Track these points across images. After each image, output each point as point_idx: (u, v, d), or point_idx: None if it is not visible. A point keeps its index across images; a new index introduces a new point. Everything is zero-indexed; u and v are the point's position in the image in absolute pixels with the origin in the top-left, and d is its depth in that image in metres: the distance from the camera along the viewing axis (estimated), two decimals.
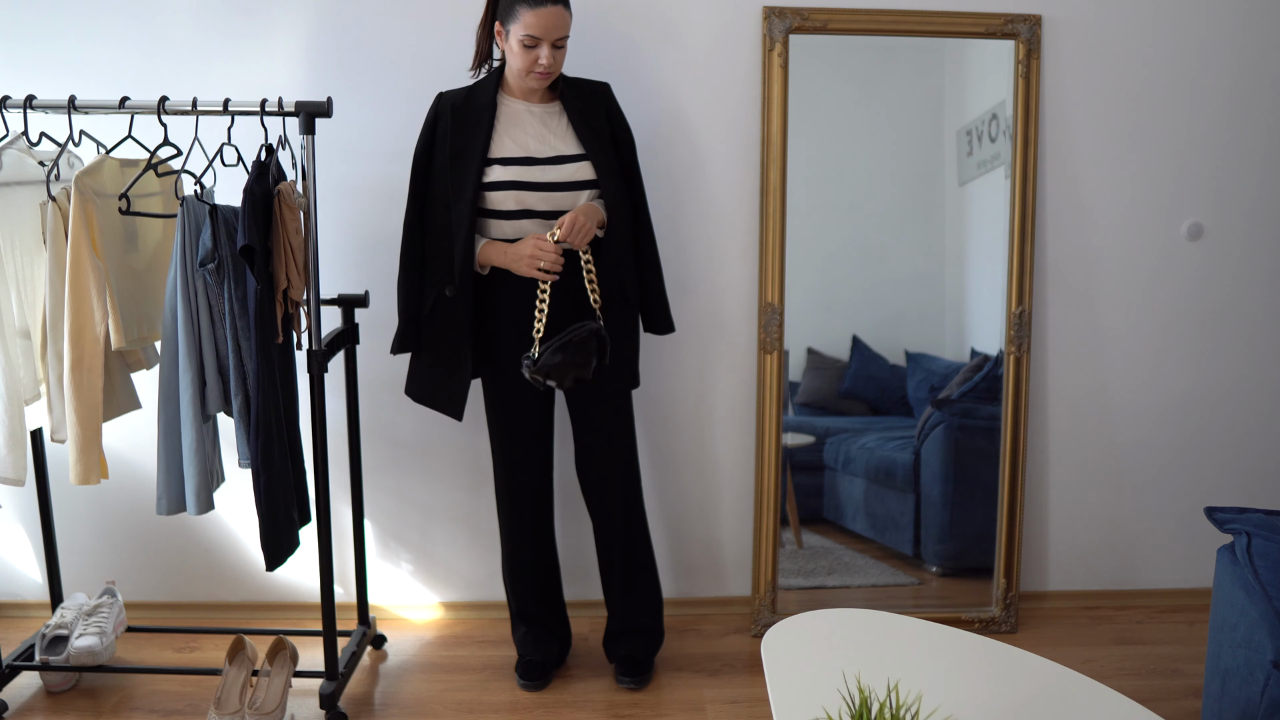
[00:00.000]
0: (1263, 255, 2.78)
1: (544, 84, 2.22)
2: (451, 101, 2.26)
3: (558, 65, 2.20)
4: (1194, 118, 2.71)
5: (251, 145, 2.25)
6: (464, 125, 2.24)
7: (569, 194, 2.24)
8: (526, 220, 2.23)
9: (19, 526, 2.76)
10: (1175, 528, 2.89)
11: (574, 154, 2.25)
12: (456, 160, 2.23)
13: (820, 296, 2.71)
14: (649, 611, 2.49)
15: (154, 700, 2.38)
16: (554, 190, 2.23)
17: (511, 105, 2.27)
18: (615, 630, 2.51)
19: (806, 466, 2.78)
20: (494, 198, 2.22)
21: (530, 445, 2.40)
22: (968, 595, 2.80)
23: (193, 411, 2.10)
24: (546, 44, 2.15)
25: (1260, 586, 1.72)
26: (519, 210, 2.23)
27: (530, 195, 2.22)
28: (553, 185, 2.23)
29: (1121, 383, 2.81)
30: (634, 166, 2.37)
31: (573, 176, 2.24)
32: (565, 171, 2.23)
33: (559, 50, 2.18)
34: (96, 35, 2.55)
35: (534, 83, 2.21)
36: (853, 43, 2.62)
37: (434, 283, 2.28)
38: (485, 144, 2.22)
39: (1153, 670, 2.55)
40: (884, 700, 1.25)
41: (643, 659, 2.46)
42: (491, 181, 2.22)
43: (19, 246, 2.17)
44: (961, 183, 2.71)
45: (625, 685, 2.43)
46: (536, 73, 2.18)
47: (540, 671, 2.45)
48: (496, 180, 2.21)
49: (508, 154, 2.23)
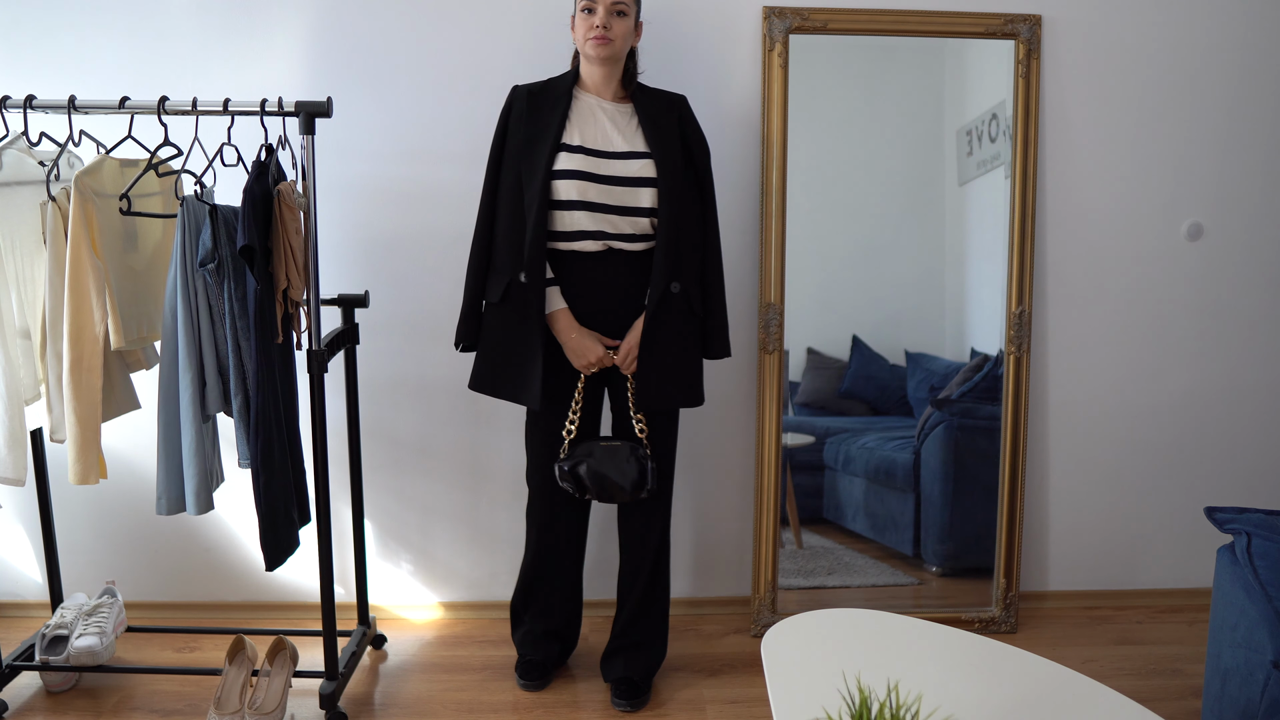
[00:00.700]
0: (1263, 255, 2.78)
1: (603, 52, 2.20)
2: (528, 90, 2.28)
3: (617, 33, 2.19)
4: (1194, 118, 2.71)
5: (251, 145, 2.25)
6: (539, 111, 2.25)
7: (629, 189, 2.22)
8: (582, 212, 2.21)
9: (19, 526, 2.76)
10: (1175, 528, 2.89)
11: (639, 151, 2.24)
12: (530, 144, 2.23)
13: (820, 296, 2.71)
14: (656, 635, 2.46)
15: (154, 700, 2.38)
16: (615, 185, 2.21)
17: (585, 99, 2.27)
18: (615, 649, 2.46)
19: (806, 466, 2.78)
20: (558, 186, 2.21)
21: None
22: (968, 595, 2.80)
23: (192, 411, 2.10)
24: (602, 7, 2.17)
25: (1260, 586, 1.72)
26: (579, 201, 2.20)
27: (591, 187, 2.20)
28: (614, 179, 2.21)
29: (1121, 383, 2.81)
30: (707, 179, 2.33)
31: (635, 173, 2.22)
32: (628, 167, 2.22)
33: (619, 19, 2.19)
34: (96, 35, 2.55)
35: (593, 49, 2.20)
36: (853, 43, 2.62)
37: (505, 269, 2.25)
38: (559, 130, 2.22)
39: (1153, 670, 2.55)
40: (884, 700, 1.25)
41: (640, 680, 2.41)
42: (559, 169, 2.20)
43: (19, 246, 2.17)
44: (961, 183, 2.71)
45: (621, 708, 2.36)
46: (593, 38, 2.18)
47: (541, 671, 2.45)
48: (562, 168, 2.20)
49: (576, 143, 2.22)
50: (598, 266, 2.25)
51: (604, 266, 2.25)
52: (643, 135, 2.25)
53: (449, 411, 2.74)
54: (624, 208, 2.22)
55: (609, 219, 2.22)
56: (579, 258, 2.25)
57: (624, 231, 2.23)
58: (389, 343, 2.68)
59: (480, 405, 2.73)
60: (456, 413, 2.74)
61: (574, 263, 2.25)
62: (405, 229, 2.64)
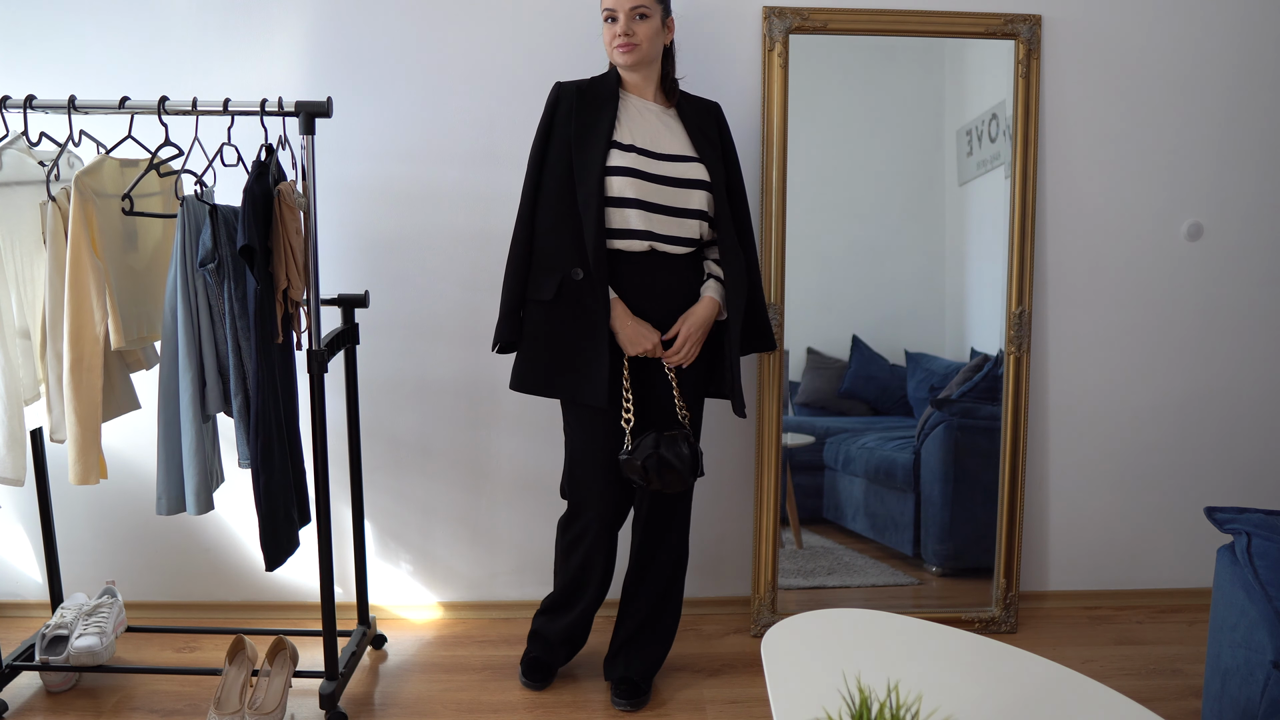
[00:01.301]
0: (1263, 255, 2.78)
1: (629, 59, 2.21)
2: (576, 86, 2.27)
3: (641, 37, 2.19)
4: (1193, 118, 2.71)
5: (251, 145, 2.25)
6: (589, 108, 2.24)
7: (681, 190, 2.22)
8: (633, 210, 2.20)
9: (19, 526, 2.76)
10: (1175, 528, 2.89)
11: (689, 155, 2.25)
12: (582, 138, 2.22)
13: (820, 296, 2.71)
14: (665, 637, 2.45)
15: (154, 700, 2.38)
16: (667, 185, 2.21)
17: (633, 100, 2.28)
18: (619, 649, 2.45)
19: (806, 466, 2.78)
20: (611, 182, 2.19)
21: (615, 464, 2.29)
22: (968, 595, 2.80)
23: (193, 411, 2.10)
24: (623, 13, 2.17)
25: (1260, 586, 1.72)
26: (632, 199, 2.20)
27: (647, 185, 2.20)
28: (667, 179, 2.21)
29: (1121, 383, 2.81)
30: (740, 185, 2.35)
31: (688, 174, 2.23)
32: (681, 169, 2.23)
33: (641, 22, 2.19)
34: (96, 35, 2.55)
35: (620, 57, 2.21)
36: (853, 43, 2.62)
37: (555, 267, 2.22)
38: (610, 127, 2.22)
39: (1153, 670, 2.55)
40: (884, 700, 1.25)
41: (640, 680, 2.40)
42: (612, 165, 2.19)
43: (19, 246, 2.17)
44: (961, 183, 2.71)
45: (621, 708, 2.36)
46: (618, 46, 2.20)
47: (545, 673, 2.45)
48: (616, 165, 2.19)
49: (631, 141, 2.22)
50: (641, 267, 2.24)
51: (647, 267, 2.24)
52: (691, 141, 2.26)
53: (449, 411, 2.74)
54: (674, 208, 2.22)
55: (659, 219, 2.22)
56: (625, 257, 2.23)
57: (670, 234, 2.23)
58: (389, 343, 2.68)
59: (480, 405, 2.73)
60: (456, 413, 2.74)
61: (620, 262, 2.24)
62: (405, 229, 2.64)
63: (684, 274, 2.28)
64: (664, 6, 2.24)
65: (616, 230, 2.21)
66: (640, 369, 2.30)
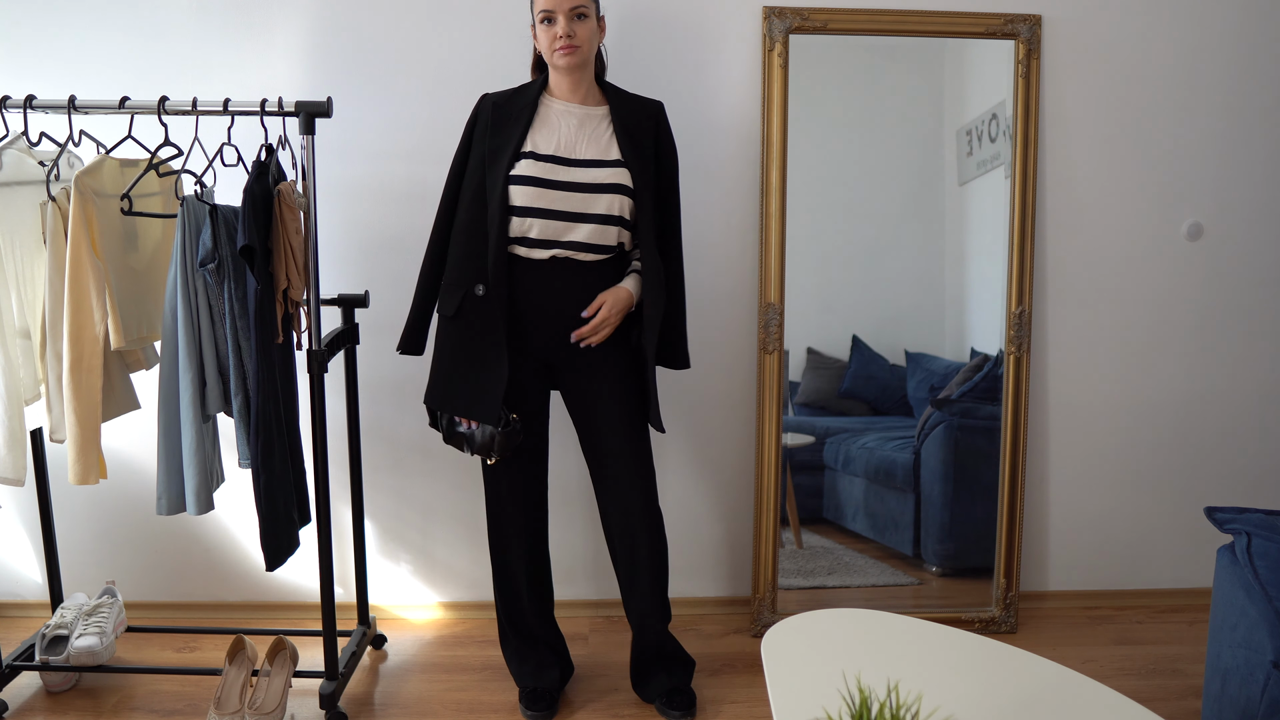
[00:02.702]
0: (1263, 255, 2.78)
1: (570, 61, 2.15)
2: (494, 100, 2.24)
3: (581, 38, 2.14)
4: (1193, 118, 2.71)
5: (251, 145, 2.25)
6: (503, 122, 2.21)
7: (585, 195, 2.16)
8: (535, 219, 2.16)
9: (19, 526, 2.76)
10: (1175, 528, 2.89)
11: (607, 160, 2.19)
12: (493, 155, 2.19)
13: (820, 296, 2.71)
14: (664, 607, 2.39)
15: (154, 700, 2.38)
16: (575, 191, 2.16)
17: (552, 105, 2.23)
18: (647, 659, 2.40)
19: (806, 466, 2.78)
20: (514, 192, 2.16)
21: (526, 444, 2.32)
22: (968, 595, 2.80)
23: (193, 412, 2.10)
24: (561, 15, 2.12)
25: (1260, 586, 1.73)
26: (532, 208, 2.15)
27: (549, 193, 2.15)
28: (574, 185, 2.16)
29: (1121, 383, 2.81)
30: (673, 189, 2.30)
31: (600, 179, 2.17)
32: (593, 174, 2.18)
33: (580, 22, 2.14)
34: (96, 35, 2.55)
35: (561, 61, 2.15)
36: (853, 43, 2.62)
37: (462, 282, 2.20)
38: (520, 140, 2.18)
39: (1153, 670, 2.55)
40: (884, 700, 1.25)
41: (688, 687, 2.38)
42: (515, 175, 2.16)
43: (19, 246, 2.17)
44: (961, 183, 2.71)
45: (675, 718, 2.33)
46: (559, 49, 2.14)
47: (548, 701, 2.36)
48: (519, 174, 2.15)
49: (537, 150, 2.18)
50: (543, 274, 2.19)
51: (548, 275, 2.19)
52: (617, 144, 2.20)
53: None
54: (580, 214, 2.17)
55: (562, 226, 2.16)
56: (527, 265, 2.19)
57: (576, 239, 2.17)
58: (389, 343, 2.68)
59: None
60: None
61: (522, 271, 2.19)
62: (405, 229, 2.64)
63: (590, 279, 2.21)
64: (597, 5, 2.20)
65: (517, 239, 2.18)
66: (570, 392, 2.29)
